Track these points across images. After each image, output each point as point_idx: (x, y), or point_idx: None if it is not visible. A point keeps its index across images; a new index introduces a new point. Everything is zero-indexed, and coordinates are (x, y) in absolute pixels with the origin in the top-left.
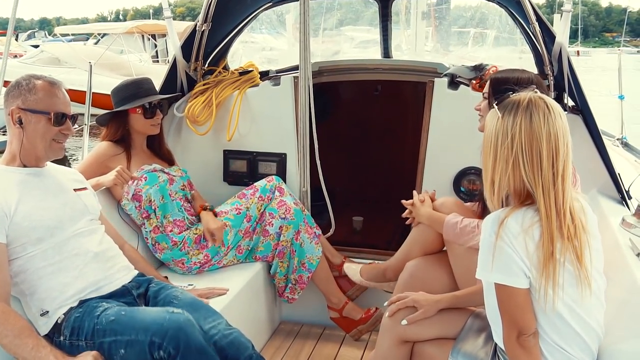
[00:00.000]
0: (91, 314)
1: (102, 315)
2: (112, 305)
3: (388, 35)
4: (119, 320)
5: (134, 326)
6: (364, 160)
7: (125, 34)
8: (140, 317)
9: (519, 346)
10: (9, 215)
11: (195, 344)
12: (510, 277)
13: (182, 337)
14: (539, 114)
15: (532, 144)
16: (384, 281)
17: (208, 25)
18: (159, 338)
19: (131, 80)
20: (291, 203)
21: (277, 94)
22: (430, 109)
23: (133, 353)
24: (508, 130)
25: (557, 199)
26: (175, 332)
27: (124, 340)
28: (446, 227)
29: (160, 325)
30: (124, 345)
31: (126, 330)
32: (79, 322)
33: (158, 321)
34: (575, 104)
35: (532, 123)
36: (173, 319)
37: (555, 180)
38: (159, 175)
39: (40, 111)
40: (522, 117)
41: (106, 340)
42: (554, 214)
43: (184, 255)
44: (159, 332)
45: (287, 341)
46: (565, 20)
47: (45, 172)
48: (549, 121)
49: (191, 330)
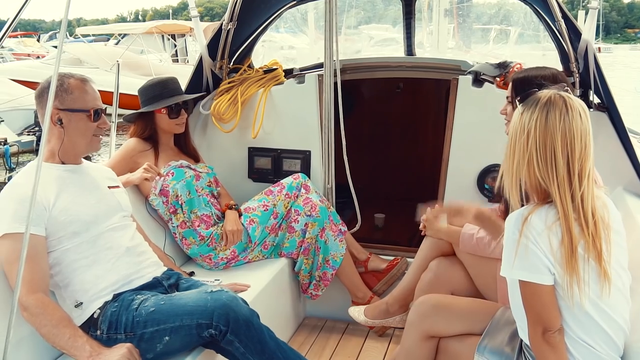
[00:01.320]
0: (128, 308)
1: (141, 307)
2: (147, 297)
3: (411, 33)
4: (160, 310)
5: (177, 312)
6: (386, 158)
7: (145, 34)
8: (181, 303)
9: (545, 342)
10: (48, 209)
11: (243, 317)
12: (535, 274)
13: (230, 313)
14: (556, 112)
15: (546, 141)
16: (389, 317)
17: (234, 24)
18: (207, 319)
19: (157, 80)
20: (317, 200)
21: (302, 91)
22: (455, 107)
23: (178, 338)
24: (525, 126)
25: (575, 197)
26: (222, 310)
27: (167, 328)
28: (462, 240)
29: (205, 307)
30: (168, 332)
31: (169, 318)
32: (116, 315)
33: (201, 303)
34: (601, 102)
35: (548, 121)
36: (215, 298)
37: (571, 179)
38: (186, 171)
39: (79, 109)
40: (539, 114)
41: (148, 330)
42: (571, 212)
43: (211, 250)
44: (205, 313)
45: (311, 336)
46: (591, 17)
47: (81, 169)
48: (565, 120)
49: (236, 304)
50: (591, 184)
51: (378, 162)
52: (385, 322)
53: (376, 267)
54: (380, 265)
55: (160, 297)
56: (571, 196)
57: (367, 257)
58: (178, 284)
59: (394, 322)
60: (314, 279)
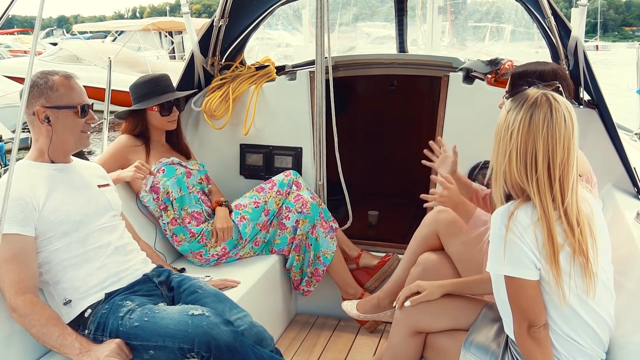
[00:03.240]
0: (116, 313)
1: (126, 318)
2: (135, 307)
3: (403, 30)
4: (143, 327)
5: (159, 333)
6: (379, 155)
7: (142, 31)
8: (163, 324)
9: (530, 338)
10: (37, 209)
11: (224, 343)
12: (521, 269)
13: (211, 341)
14: (540, 115)
15: (527, 144)
16: (380, 311)
17: (225, 20)
18: (188, 344)
19: (149, 78)
20: (308, 197)
21: (293, 88)
22: (445, 103)
23: (163, 355)
24: (509, 126)
25: (556, 199)
26: (202, 338)
27: (150, 345)
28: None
29: (186, 332)
30: (152, 348)
31: (152, 337)
32: (105, 318)
33: (182, 327)
34: (591, 98)
35: (531, 123)
36: (196, 324)
37: (552, 183)
38: (177, 168)
39: (66, 106)
40: (523, 115)
41: (132, 342)
42: (552, 213)
43: (202, 247)
44: (186, 338)
45: (302, 332)
46: (581, 14)
47: (71, 167)
48: (548, 124)
49: (217, 332)
50: (575, 187)
51: (371, 158)
52: (376, 316)
53: (368, 263)
54: (372, 261)
55: (146, 309)
56: (552, 198)
57: (359, 253)
58: (170, 281)
59: (385, 316)
60: (305, 276)
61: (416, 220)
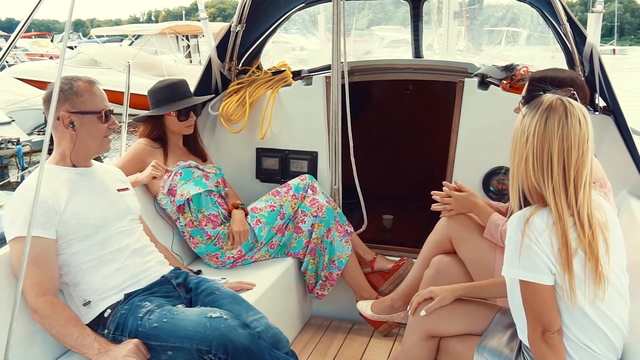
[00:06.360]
0: (135, 313)
1: (145, 319)
2: (154, 308)
3: (419, 36)
4: (162, 328)
5: (177, 334)
6: (394, 159)
7: (158, 34)
8: (182, 325)
9: (544, 343)
10: (58, 212)
11: (242, 345)
12: (536, 274)
13: (229, 343)
14: (555, 118)
15: (543, 146)
16: (393, 312)
17: (242, 26)
18: (206, 346)
19: (167, 83)
20: (323, 201)
21: (309, 93)
22: (460, 109)
23: (180, 356)
24: (525, 130)
25: (570, 202)
26: (219, 340)
27: (169, 345)
28: (489, 226)
29: (204, 334)
30: (170, 349)
31: (170, 338)
32: (124, 318)
33: (200, 329)
34: (606, 105)
35: (547, 126)
36: (214, 326)
37: (567, 186)
38: (194, 171)
39: (90, 111)
40: (539, 119)
41: (150, 343)
42: (567, 216)
43: (218, 249)
44: (204, 340)
45: (316, 335)
46: (596, 21)
47: (92, 171)
48: (563, 127)
49: (234, 334)
50: (588, 190)
51: (386, 163)
52: (390, 317)
53: (382, 267)
54: (387, 265)
55: (165, 310)
56: (567, 201)
57: (374, 257)
58: (187, 282)
59: (398, 317)
60: (320, 279)
61: (430, 224)
